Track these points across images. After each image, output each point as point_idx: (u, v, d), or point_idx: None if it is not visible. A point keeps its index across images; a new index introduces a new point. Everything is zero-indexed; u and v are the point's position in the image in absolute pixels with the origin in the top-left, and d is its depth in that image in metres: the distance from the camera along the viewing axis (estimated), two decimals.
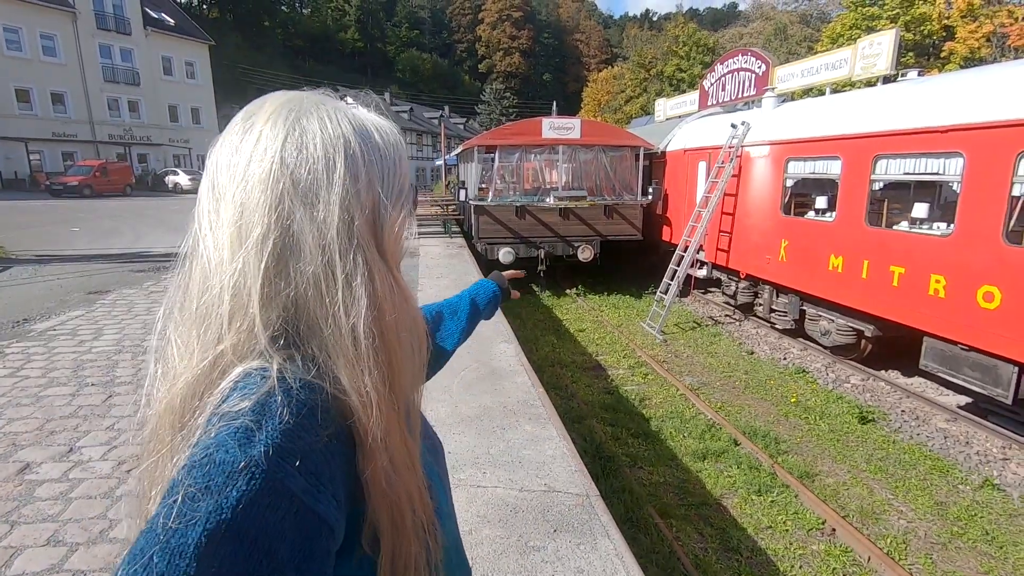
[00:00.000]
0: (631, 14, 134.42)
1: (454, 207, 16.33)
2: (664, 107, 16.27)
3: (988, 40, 28.34)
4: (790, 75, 10.11)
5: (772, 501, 4.76)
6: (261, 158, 0.56)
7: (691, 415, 6.41)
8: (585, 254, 11.77)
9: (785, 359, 8.28)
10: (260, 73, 55.46)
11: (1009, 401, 5.24)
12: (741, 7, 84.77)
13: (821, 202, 8.17)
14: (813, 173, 8.01)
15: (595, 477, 4.79)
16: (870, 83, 9.40)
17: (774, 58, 10.68)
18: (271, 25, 70.73)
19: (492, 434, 3.57)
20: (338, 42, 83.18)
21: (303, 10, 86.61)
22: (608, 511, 2.76)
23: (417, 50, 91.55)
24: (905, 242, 6.35)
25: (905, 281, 6.24)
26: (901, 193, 7.91)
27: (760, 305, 9.47)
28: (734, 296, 10.04)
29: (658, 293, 10.07)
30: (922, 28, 29.89)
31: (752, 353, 8.59)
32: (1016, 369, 5.13)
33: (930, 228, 6.49)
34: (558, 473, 3.09)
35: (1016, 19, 27.40)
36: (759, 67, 10.65)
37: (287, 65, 66.12)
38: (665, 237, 12.39)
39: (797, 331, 8.80)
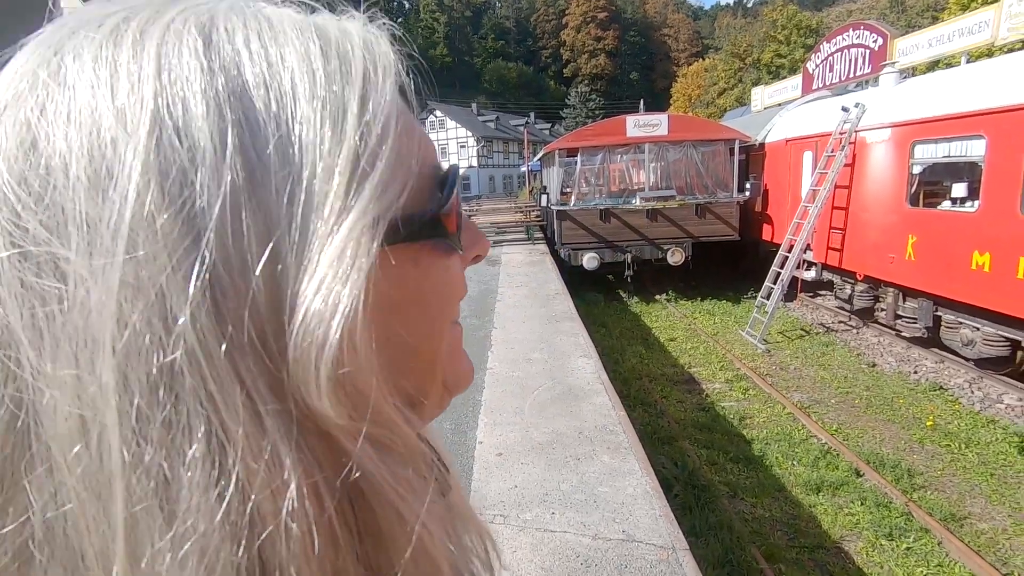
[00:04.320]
0: (723, 3, 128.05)
1: (537, 213, 16.16)
2: (762, 95, 15.09)
3: None
4: (914, 47, 8.86)
5: (908, 548, 3.99)
6: None
7: (801, 438, 5.65)
8: (675, 257, 11.06)
9: (916, 373, 7.15)
10: None
11: None
12: None
13: (958, 190, 6.99)
14: (947, 157, 6.88)
15: (688, 509, 4.29)
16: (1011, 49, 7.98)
17: (893, 29, 9.43)
18: None
19: (564, 465, 3.19)
20: (428, 59, 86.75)
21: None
22: (699, 570, 2.31)
23: (503, 60, 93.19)
24: None
25: None
26: None
27: (882, 310, 8.31)
28: (849, 300, 8.93)
29: (759, 298, 9.16)
30: None
31: (874, 366, 7.52)
32: None
33: None
34: (639, 518, 2.66)
35: None
36: (875, 41, 9.43)
37: None
38: (766, 236, 11.36)
39: (930, 340, 7.59)
